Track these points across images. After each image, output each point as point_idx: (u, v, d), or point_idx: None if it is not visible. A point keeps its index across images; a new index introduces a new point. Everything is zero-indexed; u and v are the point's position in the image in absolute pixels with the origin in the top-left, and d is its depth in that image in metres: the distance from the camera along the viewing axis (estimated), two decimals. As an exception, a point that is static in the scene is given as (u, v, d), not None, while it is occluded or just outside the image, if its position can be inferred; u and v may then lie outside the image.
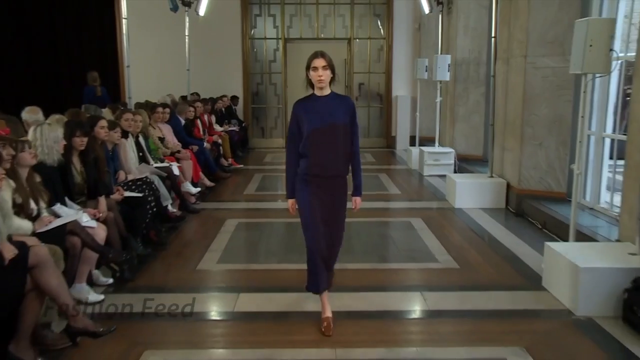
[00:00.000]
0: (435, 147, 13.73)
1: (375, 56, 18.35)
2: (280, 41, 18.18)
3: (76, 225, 5.67)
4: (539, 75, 9.34)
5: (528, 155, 9.59)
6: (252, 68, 18.30)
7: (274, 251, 7.85)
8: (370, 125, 18.70)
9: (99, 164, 6.97)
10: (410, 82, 17.63)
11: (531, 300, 5.99)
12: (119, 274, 6.51)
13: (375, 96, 18.57)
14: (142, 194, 7.67)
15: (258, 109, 18.55)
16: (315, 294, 5.53)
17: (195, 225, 9.12)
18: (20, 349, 4.55)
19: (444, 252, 7.58)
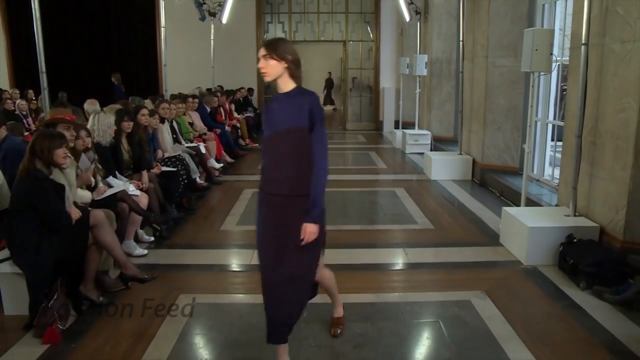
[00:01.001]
0: (415, 129, 13.75)
1: (365, 55, 18.26)
2: (288, 43, 18.05)
3: (124, 194, 5.77)
4: (497, 72, 9.37)
5: (489, 137, 9.63)
6: None
7: None
8: (362, 112, 18.66)
9: (142, 144, 7.04)
10: (395, 77, 17.53)
11: (490, 254, 6.07)
12: (159, 233, 6.60)
13: (366, 88, 18.49)
14: (175, 169, 7.69)
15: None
16: None
17: (219, 194, 9.13)
18: (87, 290, 4.72)
19: (422, 216, 7.62)
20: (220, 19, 15.31)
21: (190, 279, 5.39)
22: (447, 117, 13.63)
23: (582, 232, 5.63)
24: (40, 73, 6.21)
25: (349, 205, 8.47)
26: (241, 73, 17.58)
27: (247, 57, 17.58)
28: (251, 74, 17.73)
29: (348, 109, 18.69)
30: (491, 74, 9.43)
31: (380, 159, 12.71)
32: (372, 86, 18.44)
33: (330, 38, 18.26)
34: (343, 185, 9.74)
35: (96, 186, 5.63)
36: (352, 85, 18.58)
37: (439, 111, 13.76)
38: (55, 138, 4.50)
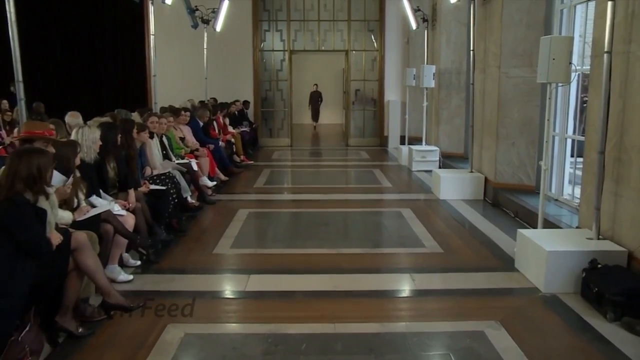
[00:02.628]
0: (422, 145, 13.71)
1: (369, 66, 18.29)
2: (287, 53, 18.12)
3: (109, 214, 5.70)
4: (511, 84, 9.35)
5: (503, 153, 9.59)
6: (262, 76, 18.24)
7: (280, 237, 7.85)
8: (365, 126, 18.64)
9: (129, 161, 6.99)
10: (400, 89, 17.56)
11: (505, 280, 6.00)
12: (146, 257, 6.55)
13: (369, 101, 18.50)
14: (165, 187, 7.66)
15: (267, 112, 18.51)
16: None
17: (212, 215, 9.09)
18: (65, 320, 4.62)
19: (430, 238, 7.57)
20: (214, 26, 15.38)
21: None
22: (457, 132, 13.60)
23: (608, 257, 5.55)
24: (17, 82, 6.15)
25: (351, 227, 8.46)
26: (236, 84, 17.64)
27: (243, 67, 17.66)
28: (247, 86, 17.80)
29: (350, 124, 18.69)
30: (504, 85, 9.40)
31: (384, 177, 12.66)
32: (376, 99, 18.45)
33: (331, 47, 18.32)
34: (345, 205, 9.74)
35: (78, 206, 5.56)
36: (355, 98, 18.60)
37: (448, 126, 13.74)
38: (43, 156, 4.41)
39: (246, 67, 17.69)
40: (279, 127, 18.64)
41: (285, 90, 18.40)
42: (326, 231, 8.03)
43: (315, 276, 6.05)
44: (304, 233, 8.02)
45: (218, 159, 11.72)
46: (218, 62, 16.74)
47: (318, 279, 5.93)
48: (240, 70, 17.63)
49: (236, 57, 17.62)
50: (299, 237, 7.77)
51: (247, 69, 17.76)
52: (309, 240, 7.54)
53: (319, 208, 9.53)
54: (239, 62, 17.63)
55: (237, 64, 17.59)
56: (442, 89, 13.70)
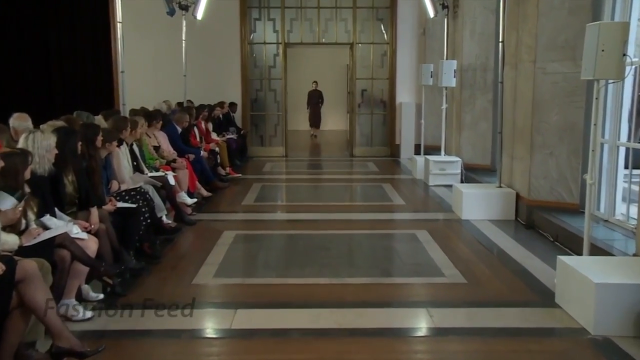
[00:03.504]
0: (441, 155, 13.69)
1: (378, 62, 18.31)
2: (281, 46, 18.14)
3: (66, 238, 5.58)
4: (548, 81, 9.28)
5: (538, 164, 9.52)
6: (251, 74, 18.25)
7: (273, 265, 7.82)
8: (373, 133, 18.65)
9: (92, 174, 6.92)
10: (415, 89, 17.58)
11: (543, 318, 5.92)
12: (110, 289, 6.44)
13: (378, 103, 18.54)
14: (135, 205, 7.61)
15: (257, 116, 18.50)
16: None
17: (191, 238, 9.08)
18: (3, 371, 4.48)
19: (451, 266, 7.53)
20: (194, 14, 15.34)
21: (151, 351, 5.26)
22: (483, 139, 13.57)
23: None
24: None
25: (357, 252, 8.52)
26: (221, 83, 17.68)
27: (229, 63, 17.67)
28: (234, 85, 17.84)
29: (356, 130, 18.70)
30: (541, 83, 9.35)
31: (396, 192, 12.66)
32: (386, 101, 18.50)
33: (333, 40, 18.38)
34: (349, 226, 9.76)
35: (27, 228, 5.45)
36: (361, 100, 18.66)
37: (472, 132, 13.71)
38: None
39: (233, 63, 17.68)
40: (271, 134, 18.64)
41: (279, 90, 18.42)
42: (327, 257, 8.01)
43: (315, 311, 6.00)
44: (301, 259, 7.99)
45: (199, 172, 11.70)
46: (199, 56, 16.77)
47: (318, 315, 5.88)
48: (226, 66, 17.66)
49: (221, 50, 17.66)
50: (295, 264, 7.76)
51: (233, 65, 17.76)
52: (307, 268, 7.52)
53: (318, 229, 9.52)
54: (224, 56, 17.67)
55: (221, 59, 17.63)
56: (465, 89, 13.69)
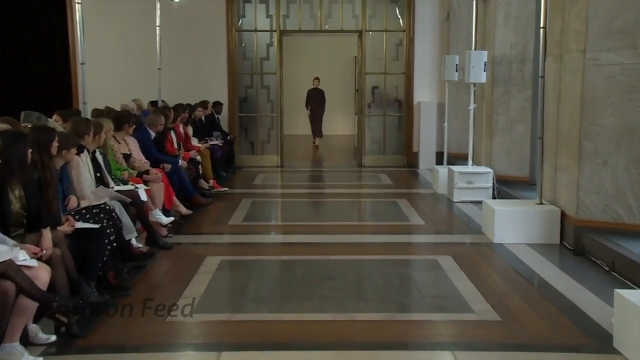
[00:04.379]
0: (468, 166, 13.61)
1: (392, 53, 18.37)
2: (275, 34, 18.19)
3: (10, 266, 5.52)
4: (602, 75, 9.21)
5: (588, 177, 9.45)
6: (240, 67, 18.32)
7: (265, 297, 7.80)
8: (386, 139, 18.72)
9: (44, 188, 6.84)
10: (437, 85, 17.70)
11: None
12: (65, 329, 6.36)
13: (392, 103, 18.62)
14: (98, 225, 7.58)
15: (247, 118, 18.59)
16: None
17: (167, 265, 9.06)
18: None
19: (481, 300, 7.50)
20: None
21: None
22: (519, 146, 13.55)
23: None
24: None
25: (367, 282, 8.50)
26: (204, 79, 17.81)
27: (213, 54, 17.77)
28: (219, 81, 17.95)
29: (365, 135, 18.77)
30: (592, 77, 9.30)
31: (414, 210, 12.66)
32: (401, 100, 18.58)
33: (338, 27, 18.45)
34: (358, 251, 9.77)
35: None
36: (372, 99, 18.77)
37: (506, 137, 13.67)
38: None
39: (217, 55, 17.74)
40: (264, 139, 18.71)
41: (273, 87, 18.49)
42: (331, 288, 8.00)
43: (316, 353, 6.02)
44: (300, 291, 7.97)
45: (177, 185, 11.73)
46: (177, 46, 16.92)
47: (319, 357, 5.86)
48: (209, 58, 17.77)
49: (203, 39, 17.74)
50: (292, 296, 7.75)
51: (218, 57, 17.83)
52: (307, 302, 7.50)
53: (320, 255, 9.51)
54: (207, 46, 17.78)
55: (204, 50, 17.74)
56: (498, 85, 13.65)
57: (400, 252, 9.82)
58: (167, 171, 11.33)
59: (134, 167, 10.44)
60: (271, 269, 9.04)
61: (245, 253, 9.72)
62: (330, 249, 9.80)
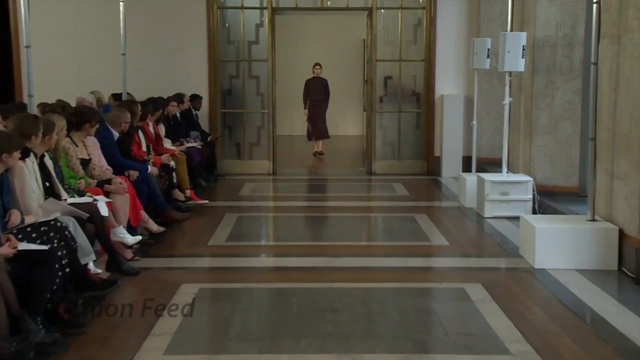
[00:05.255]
0: (503, 173, 13.60)
1: (409, 35, 18.41)
2: (266, 12, 18.21)
3: None
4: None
5: (655, 188, 9.39)
6: (223, 53, 18.38)
7: (254, 334, 7.76)
8: (401, 141, 18.75)
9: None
10: (464, 75, 17.80)
11: None
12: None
13: (409, 96, 18.66)
14: (47, 247, 7.50)
15: (231, 115, 18.65)
16: None
17: (132, 294, 9.01)
18: None
19: (519, 339, 7.45)
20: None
21: None
22: (565, 149, 13.49)
23: None
24: None
25: (378, 316, 8.46)
26: (179, 67, 17.86)
27: (190, 37, 17.82)
28: (197, 70, 18.02)
29: (376, 136, 18.83)
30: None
31: (435, 228, 12.65)
32: (420, 93, 18.63)
33: (343, 4, 18.50)
34: (367, 277, 9.80)
35: None
36: (385, 92, 18.83)
37: (550, 138, 13.63)
38: None
39: (195, 37, 17.77)
40: (252, 141, 18.77)
41: (263, 77, 18.55)
42: (334, 322, 7.99)
43: None
44: (296, 326, 7.94)
45: (145, 197, 11.75)
46: (145, 25, 17.02)
47: None
48: (185, 42, 17.83)
49: (178, 17, 17.80)
50: (287, 333, 7.72)
51: (196, 41, 17.87)
52: (305, 339, 7.47)
53: (321, 282, 9.51)
54: (183, 26, 17.83)
55: (178, 32, 17.78)
56: (539, 74, 13.59)
57: (419, 279, 9.78)
58: (134, 180, 11.30)
59: (92, 175, 10.43)
60: (261, 300, 9.03)
61: (229, 280, 9.68)
62: (333, 274, 9.79)
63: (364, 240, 12.40)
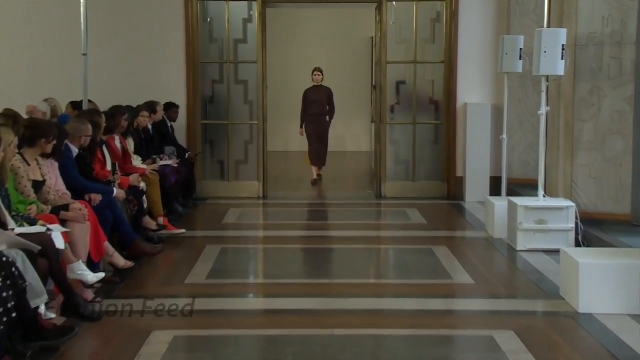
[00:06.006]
0: (539, 197, 13.53)
1: (426, 32, 18.47)
2: (255, 5, 18.28)
3: None
4: None
5: None
6: (204, 54, 18.44)
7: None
8: (417, 159, 18.77)
9: None
10: (492, 79, 17.82)
11: None
12: None
13: (426, 105, 18.70)
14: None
15: (214, 127, 18.67)
16: None
17: (94, 344, 8.98)
18: None
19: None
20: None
21: None
22: (615, 168, 13.40)
23: None
24: None
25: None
26: (151, 70, 17.91)
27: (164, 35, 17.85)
28: (173, 74, 18.10)
29: (386, 152, 18.86)
30: None
31: (458, 263, 12.65)
32: (439, 101, 18.66)
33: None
34: (376, 323, 9.82)
35: None
36: (397, 100, 18.90)
37: (596, 155, 13.56)
38: None
39: (171, 34, 17.80)
40: (239, 158, 18.81)
41: (252, 82, 18.60)
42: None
43: None
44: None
45: (111, 225, 11.71)
46: (111, 21, 17.01)
47: None
48: (159, 39, 17.88)
49: (150, 11, 17.88)
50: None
51: (172, 38, 17.92)
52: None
53: (321, 327, 9.46)
54: (156, 22, 17.91)
55: (151, 27, 17.84)
56: (582, 79, 13.54)
57: (438, 325, 9.73)
58: (96, 205, 11.26)
59: (47, 200, 10.41)
60: (249, 350, 9.01)
61: (210, 325, 9.62)
62: (335, 319, 9.75)
63: (372, 278, 12.36)
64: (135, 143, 14.93)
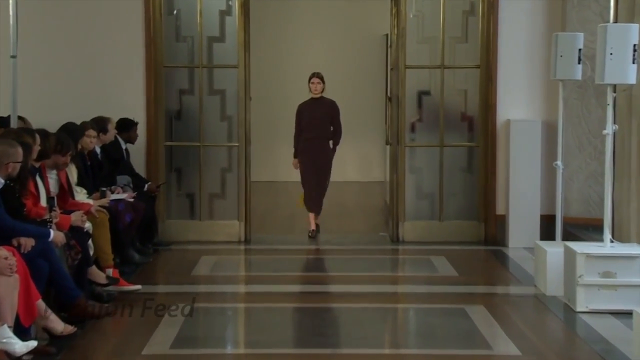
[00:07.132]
0: (605, 243, 13.38)
1: (456, 30, 18.48)
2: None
3: None
4: None
5: None
6: (168, 56, 18.47)
7: None
8: (444, 192, 18.68)
9: None
10: (541, 89, 17.78)
11: None
12: None
13: (456, 122, 18.71)
14: None
15: (182, 150, 18.63)
16: None
17: None
18: None
19: None
20: None
21: None
22: None
23: None
24: None
25: None
26: (101, 78, 17.89)
27: (119, 31, 17.76)
28: (130, 81, 18.07)
29: (404, 183, 18.82)
30: None
31: (499, 328, 12.51)
32: (473, 117, 18.62)
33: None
34: None
35: None
36: (418, 116, 18.90)
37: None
38: None
39: (126, 31, 17.72)
40: (214, 191, 18.83)
41: (232, 92, 18.64)
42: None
43: None
44: None
45: (46, 278, 11.54)
46: (47, 17, 16.88)
47: None
48: (111, 38, 17.78)
49: (98, 3, 17.78)
50: None
51: (128, 36, 17.81)
52: None
53: None
54: (106, 16, 17.85)
55: (100, 23, 17.78)
56: (659, 89, 13.37)
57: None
58: (27, 252, 11.13)
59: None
60: None
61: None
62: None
63: (387, 347, 12.19)
64: (79, 171, 14.83)
